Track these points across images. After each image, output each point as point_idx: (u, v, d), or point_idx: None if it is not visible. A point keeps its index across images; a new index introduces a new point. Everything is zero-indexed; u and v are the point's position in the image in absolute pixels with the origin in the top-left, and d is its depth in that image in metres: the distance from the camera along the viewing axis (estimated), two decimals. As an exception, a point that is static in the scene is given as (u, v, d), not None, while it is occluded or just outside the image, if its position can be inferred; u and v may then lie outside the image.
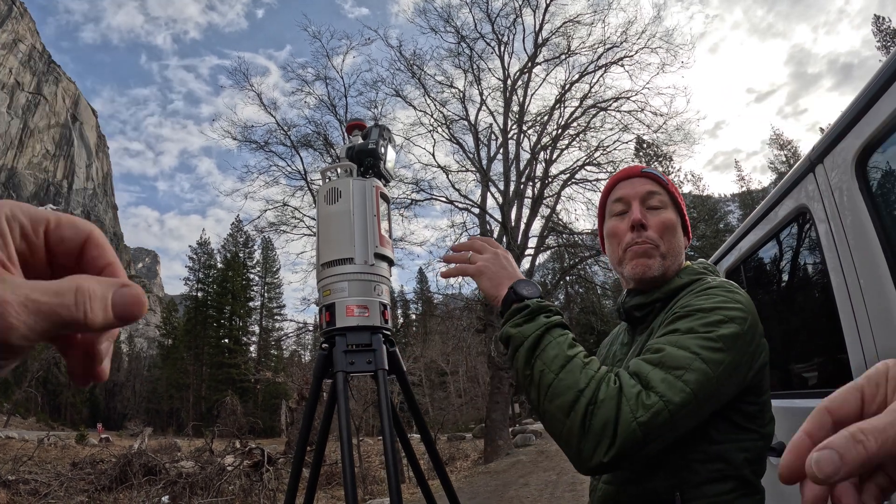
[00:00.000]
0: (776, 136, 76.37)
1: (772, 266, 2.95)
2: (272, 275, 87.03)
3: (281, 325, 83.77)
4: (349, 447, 1.59)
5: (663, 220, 1.51)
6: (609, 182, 1.67)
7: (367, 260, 1.83)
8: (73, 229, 0.41)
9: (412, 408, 1.99)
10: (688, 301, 1.34)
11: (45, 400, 76.27)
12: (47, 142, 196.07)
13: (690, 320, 1.27)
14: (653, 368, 1.19)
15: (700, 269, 1.57)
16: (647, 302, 1.52)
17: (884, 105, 1.62)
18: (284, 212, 23.75)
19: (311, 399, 1.82)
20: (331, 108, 23.25)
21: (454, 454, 22.41)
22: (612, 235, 1.58)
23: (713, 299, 1.31)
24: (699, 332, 1.23)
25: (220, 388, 63.64)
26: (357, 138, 2.10)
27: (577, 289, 27.55)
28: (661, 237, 1.50)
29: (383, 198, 1.98)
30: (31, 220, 0.39)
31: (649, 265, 1.48)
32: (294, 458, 1.83)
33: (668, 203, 1.55)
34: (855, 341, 1.79)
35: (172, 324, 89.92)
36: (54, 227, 0.40)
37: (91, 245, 0.42)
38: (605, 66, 22.68)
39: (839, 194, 1.89)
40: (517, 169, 23.24)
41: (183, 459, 16.82)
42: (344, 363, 1.74)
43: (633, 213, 1.52)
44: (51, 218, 0.41)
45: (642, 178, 1.58)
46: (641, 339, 1.48)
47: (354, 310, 1.78)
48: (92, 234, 0.42)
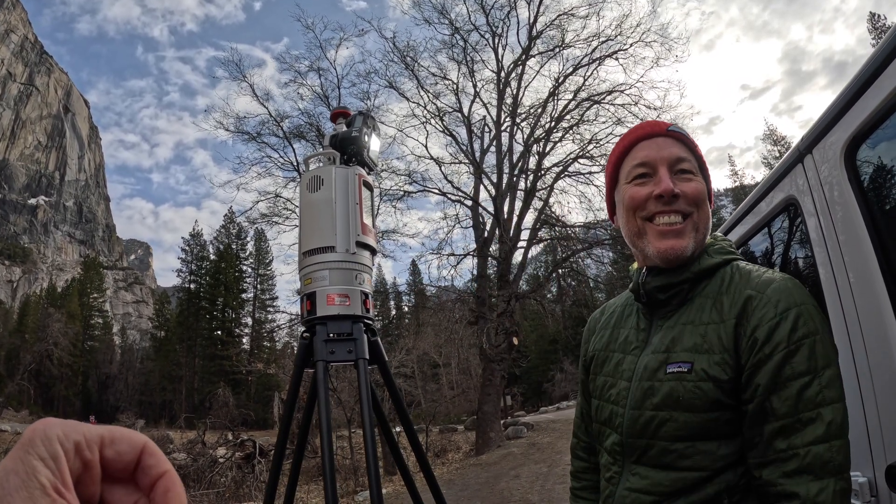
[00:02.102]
0: (770, 132, 76.60)
1: (760, 258, 2.94)
2: (265, 266, 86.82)
3: (274, 316, 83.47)
4: (329, 438, 1.57)
5: (696, 189, 1.35)
6: (627, 139, 1.45)
7: (348, 248, 1.80)
8: (129, 444, 0.42)
9: (394, 398, 1.97)
10: (776, 314, 1.21)
11: (38, 392, 76.14)
12: (39, 133, 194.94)
13: (804, 361, 1.16)
14: (831, 444, 1.13)
15: (728, 247, 1.41)
16: (676, 282, 1.35)
17: (874, 94, 1.60)
18: (277, 203, 23.70)
19: (292, 390, 1.80)
20: (324, 98, 23.17)
21: (446, 446, 22.46)
22: (633, 203, 1.39)
23: (812, 323, 1.20)
24: (824, 370, 1.16)
25: (212, 379, 63.50)
26: (342, 126, 2.07)
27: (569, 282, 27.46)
28: (693, 208, 1.34)
29: (366, 186, 1.95)
30: (86, 438, 0.40)
31: (683, 247, 1.33)
32: (275, 450, 1.81)
33: (696, 170, 1.39)
34: (843, 338, 1.78)
35: (165, 316, 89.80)
36: (109, 444, 0.41)
37: (146, 455, 0.42)
38: (599, 60, 22.64)
39: (828, 185, 1.87)
40: (510, 161, 23.22)
41: (175, 451, 16.82)
42: (324, 353, 1.72)
43: (661, 181, 1.34)
44: (105, 435, 0.41)
45: (668, 139, 1.39)
46: (673, 328, 1.35)
47: (335, 298, 1.76)
48: (147, 444, 0.42)
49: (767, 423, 1.17)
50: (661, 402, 1.29)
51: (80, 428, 0.40)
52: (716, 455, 1.23)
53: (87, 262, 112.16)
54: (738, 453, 1.23)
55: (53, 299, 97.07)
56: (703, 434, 1.24)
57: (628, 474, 1.36)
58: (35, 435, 0.38)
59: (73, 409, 78.73)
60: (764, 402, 1.18)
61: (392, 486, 13.54)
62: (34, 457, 0.37)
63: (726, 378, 1.22)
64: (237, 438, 16.46)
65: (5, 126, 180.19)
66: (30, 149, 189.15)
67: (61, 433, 0.38)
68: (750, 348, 1.21)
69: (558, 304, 29.58)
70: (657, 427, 1.29)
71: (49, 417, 0.41)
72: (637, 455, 1.34)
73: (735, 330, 1.24)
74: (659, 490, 1.28)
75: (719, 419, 1.23)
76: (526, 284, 31.02)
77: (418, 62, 23.81)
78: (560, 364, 50.21)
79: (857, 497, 1.57)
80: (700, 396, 1.23)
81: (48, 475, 0.36)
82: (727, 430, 1.24)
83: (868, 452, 1.59)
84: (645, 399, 1.32)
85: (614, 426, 1.41)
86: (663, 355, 1.33)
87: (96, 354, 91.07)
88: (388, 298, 74.82)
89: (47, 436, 0.38)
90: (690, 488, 1.24)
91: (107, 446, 0.41)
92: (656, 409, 1.29)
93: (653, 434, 1.30)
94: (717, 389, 1.22)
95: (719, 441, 1.24)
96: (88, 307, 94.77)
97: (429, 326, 30.71)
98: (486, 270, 22.14)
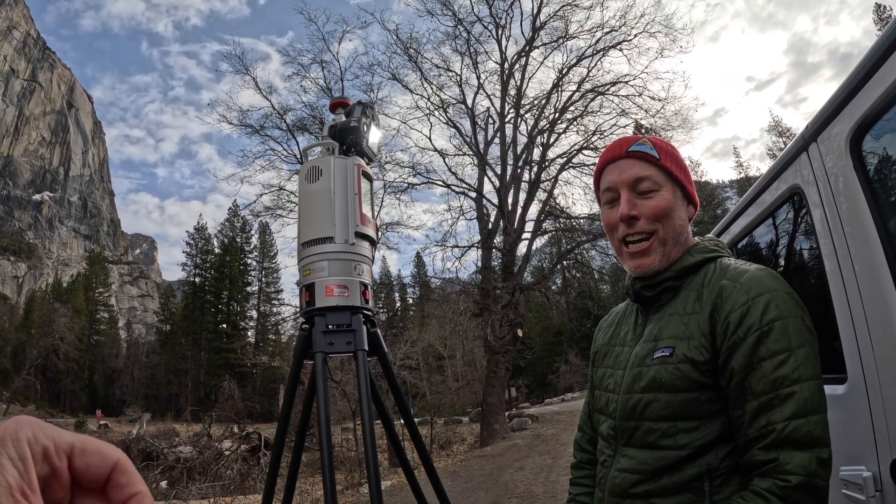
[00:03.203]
0: (775, 124, 76.17)
1: (763, 248, 2.91)
2: (269, 259, 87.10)
3: (279, 309, 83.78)
4: (328, 430, 1.56)
5: (656, 207, 1.43)
6: (598, 165, 1.58)
7: (347, 239, 1.79)
8: (99, 457, 0.41)
9: (394, 390, 1.96)
10: (747, 300, 1.29)
11: (45, 387, 76.57)
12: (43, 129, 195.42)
13: (778, 338, 1.24)
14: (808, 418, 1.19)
15: (712, 246, 1.50)
16: (657, 282, 1.46)
17: (878, 82, 1.57)
18: (280, 196, 23.71)
19: (291, 381, 1.79)
20: (327, 91, 23.13)
21: (450, 438, 22.50)
22: (608, 226, 1.51)
23: (784, 306, 1.27)
24: (799, 348, 1.23)
25: (218, 373, 63.72)
26: (341, 116, 2.06)
27: (574, 273, 27.54)
28: (656, 224, 1.43)
29: (366, 176, 1.94)
30: (55, 444, 0.39)
31: (648, 263, 1.44)
32: (275, 442, 1.80)
33: (661, 183, 1.45)
34: (849, 329, 1.76)
35: (170, 309, 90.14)
36: (79, 454, 0.40)
37: (118, 472, 0.41)
38: (603, 50, 22.52)
39: (833, 175, 1.85)
40: (514, 153, 23.18)
41: (181, 445, 16.89)
42: (323, 344, 1.71)
43: (621, 206, 1.44)
44: (76, 444, 0.40)
45: (629, 160, 1.47)
46: (661, 318, 1.44)
47: (334, 289, 1.75)
48: (119, 461, 0.41)
49: (748, 403, 1.25)
50: (647, 385, 1.38)
51: (51, 433, 0.39)
52: (696, 434, 1.31)
53: (93, 256, 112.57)
54: (717, 433, 1.30)
55: (59, 294, 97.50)
56: (684, 413, 1.32)
57: (619, 456, 1.44)
58: (6, 434, 0.38)
59: (80, 403, 79.14)
60: (743, 383, 1.26)
61: (397, 477, 13.57)
62: (4, 456, 0.36)
63: (703, 360, 1.31)
64: (242, 431, 16.53)
65: (9, 122, 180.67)
66: (34, 145, 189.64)
67: (31, 435, 0.38)
68: (724, 332, 1.29)
69: (563, 296, 29.66)
70: (644, 408, 1.38)
71: (22, 416, 0.40)
72: (627, 437, 1.43)
73: (711, 317, 1.33)
74: (644, 469, 1.36)
75: (699, 399, 1.31)
76: (530, 276, 31.04)
77: (422, 54, 23.75)
78: (565, 356, 50.16)
79: (862, 491, 1.56)
80: (680, 377, 1.32)
81: (15, 476, 0.36)
82: (706, 410, 1.31)
83: (873, 447, 1.58)
84: (634, 383, 1.42)
85: (609, 412, 1.51)
86: (652, 343, 1.43)
87: (102, 349, 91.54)
88: (393, 290, 74.97)
89: (17, 437, 0.38)
90: (672, 467, 1.32)
91: (77, 456, 0.40)
92: (643, 392, 1.39)
93: (640, 415, 1.39)
94: (696, 370, 1.31)
95: (699, 420, 1.32)
96: (94, 302, 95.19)
97: (433, 318, 30.72)
98: (490, 262, 22.13)
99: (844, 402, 1.76)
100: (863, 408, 1.63)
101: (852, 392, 1.72)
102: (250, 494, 12.88)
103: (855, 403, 1.69)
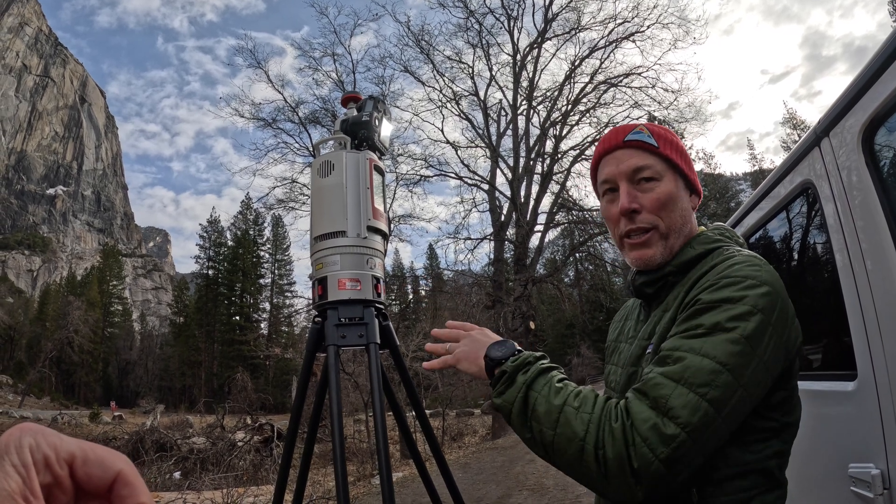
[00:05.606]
0: (790, 117, 75.35)
1: (776, 242, 2.90)
2: (282, 252, 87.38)
3: (292, 301, 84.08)
4: (339, 422, 1.58)
5: (657, 197, 1.35)
6: (594, 156, 1.50)
7: (359, 233, 1.81)
8: (101, 468, 0.40)
9: (406, 383, 1.97)
10: (712, 282, 1.21)
11: (59, 379, 77.32)
12: (56, 124, 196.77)
13: (715, 314, 1.14)
14: (675, 387, 1.07)
15: (716, 235, 1.41)
16: (658, 277, 1.39)
17: (892, 77, 1.56)
18: (293, 188, 23.80)
19: (304, 374, 1.81)
20: (339, 84, 23.16)
21: (462, 430, 22.54)
22: (608, 220, 1.45)
23: (738, 285, 1.16)
24: (725, 332, 1.11)
25: (231, 364, 64.02)
26: (353, 111, 2.07)
27: (586, 266, 27.43)
28: (658, 215, 1.36)
29: (377, 170, 1.95)
30: (56, 453, 0.39)
31: (650, 255, 1.37)
32: (287, 433, 1.82)
33: (661, 172, 1.37)
34: (859, 325, 1.75)
35: (184, 302, 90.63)
36: (81, 464, 0.40)
37: (120, 484, 0.41)
38: (615, 42, 22.45)
39: (845, 169, 1.84)
40: (527, 145, 23.14)
41: (194, 436, 17.01)
42: (335, 337, 1.72)
43: (620, 199, 1.37)
44: (77, 453, 0.40)
45: (627, 149, 1.40)
46: (657, 316, 1.37)
47: (346, 283, 1.77)
48: (122, 472, 0.41)
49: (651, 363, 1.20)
50: None
51: (54, 441, 0.39)
52: None
53: (106, 250, 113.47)
54: None
55: (73, 287, 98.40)
56: None
57: None
58: (10, 441, 0.38)
59: (94, 394, 79.96)
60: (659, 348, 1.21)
61: (410, 469, 13.62)
62: (7, 462, 0.37)
63: None
64: (255, 422, 16.61)
65: (22, 118, 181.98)
66: (47, 139, 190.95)
67: (33, 443, 0.38)
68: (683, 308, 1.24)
69: (575, 288, 29.59)
70: None
71: (26, 423, 0.40)
72: None
73: (683, 298, 1.27)
74: None
75: None
76: (543, 268, 30.97)
77: (433, 46, 23.77)
78: (577, 348, 50.00)
79: (870, 488, 1.56)
80: None
81: (18, 482, 0.36)
82: None
83: (882, 444, 1.57)
84: (629, 383, 1.36)
85: None
86: (645, 342, 1.37)
87: (116, 341, 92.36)
88: (406, 283, 75.01)
89: (20, 444, 0.38)
90: None
91: (78, 466, 0.40)
92: None
93: None
94: None
95: None
96: (108, 294, 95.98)
97: (446, 310, 30.74)
98: (502, 254, 22.14)
99: (854, 399, 1.75)
100: (872, 405, 1.62)
101: (862, 389, 1.71)
102: (263, 485, 12.96)
103: (864, 400, 1.68)
